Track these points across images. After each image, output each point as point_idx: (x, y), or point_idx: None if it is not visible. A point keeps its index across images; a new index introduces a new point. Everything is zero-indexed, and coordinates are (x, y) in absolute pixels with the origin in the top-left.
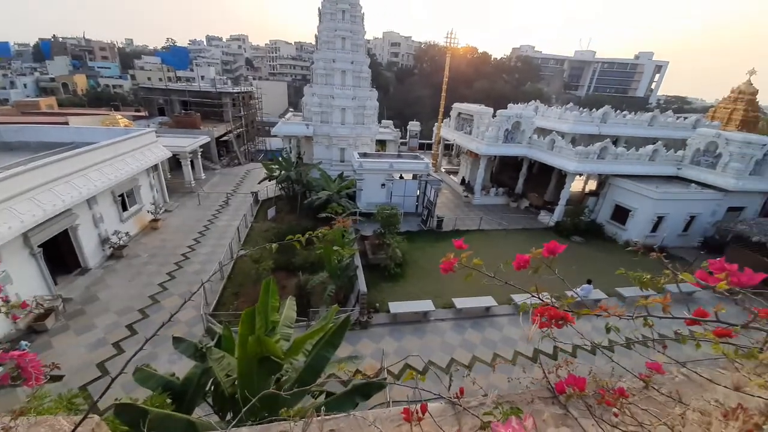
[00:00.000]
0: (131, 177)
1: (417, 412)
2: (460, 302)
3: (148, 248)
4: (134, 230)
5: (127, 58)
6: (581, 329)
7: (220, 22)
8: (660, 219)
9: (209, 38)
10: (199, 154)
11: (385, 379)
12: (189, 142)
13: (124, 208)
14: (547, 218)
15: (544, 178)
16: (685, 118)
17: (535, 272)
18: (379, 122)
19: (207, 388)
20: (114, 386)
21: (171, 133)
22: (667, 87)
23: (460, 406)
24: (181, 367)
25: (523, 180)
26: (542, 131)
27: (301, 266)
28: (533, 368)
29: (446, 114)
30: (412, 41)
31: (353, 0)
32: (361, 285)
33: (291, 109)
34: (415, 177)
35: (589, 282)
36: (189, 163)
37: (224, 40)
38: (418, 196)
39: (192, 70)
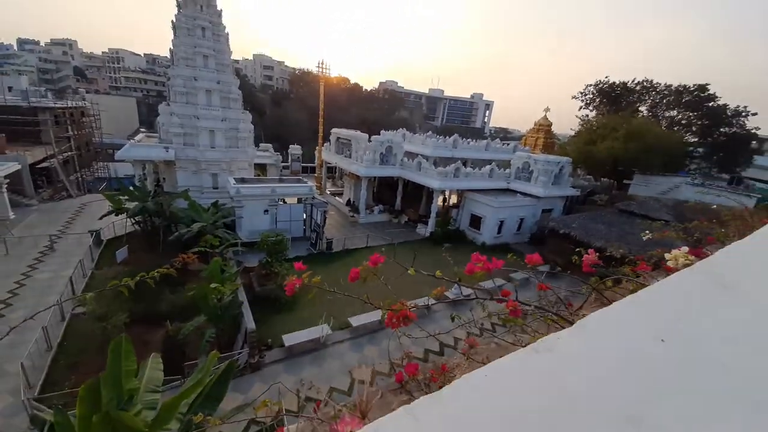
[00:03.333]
0: None
1: None
2: (356, 320)
3: None
4: None
5: None
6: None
7: (38, 23)
8: (502, 222)
9: (21, 41)
10: (4, 186)
11: (283, 419)
12: None
13: None
14: (423, 230)
15: (417, 195)
16: (508, 144)
17: (364, 282)
18: (257, 145)
19: None
20: None
21: None
22: (495, 120)
23: (319, 419)
24: None
25: (401, 198)
26: (410, 154)
27: (168, 314)
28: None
29: (326, 138)
30: (285, 66)
31: (214, 18)
32: (249, 322)
33: (143, 129)
34: (300, 201)
35: (458, 281)
36: None
37: (42, 44)
38: (305, 220)
39: None
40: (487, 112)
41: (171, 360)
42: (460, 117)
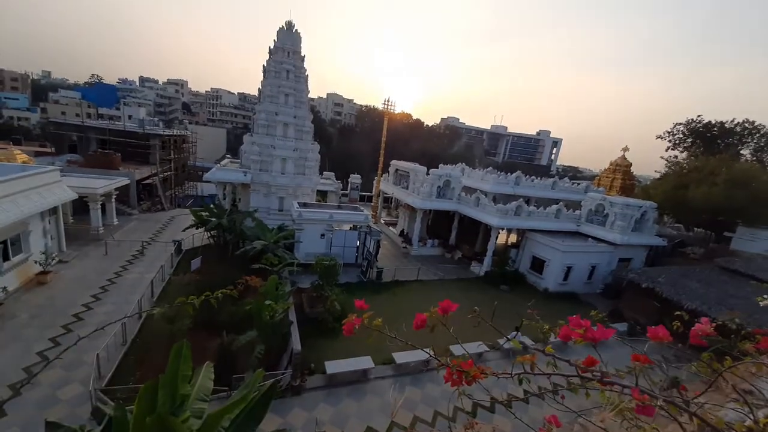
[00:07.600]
0: (19, 220)
1: None
2: (400, 357)
3: (30, 307)
4: (14, 284)
5: (42, 90)
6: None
7: (157, 66)
8: (569, 269)
9: (143, 79)
10: (114, 197)
11: None
12: (102, 184)
13: (5, 258)
14: (478, 268)
15: (473, 232)
16: (578, 184)
17: (432, 331)
18: (321, 174)
19: None
20: None
21: (81, 173)
22: (564, 158)
23: None
24: None
25: (456, 233)
26: (468, 189)
27: (226, 324)
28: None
29: (385, 169)
30: (354, 104)
31: (297, 63)
32: (295, 343)
33: (228, 156)
34: (355, 228)
35: (516, 329)
36: (99, 206)
37: (160, 83)
38: (358, 247)
39: (118, 108)
40: (555, 149)
41: (221, 370)
42: (524, 153)
